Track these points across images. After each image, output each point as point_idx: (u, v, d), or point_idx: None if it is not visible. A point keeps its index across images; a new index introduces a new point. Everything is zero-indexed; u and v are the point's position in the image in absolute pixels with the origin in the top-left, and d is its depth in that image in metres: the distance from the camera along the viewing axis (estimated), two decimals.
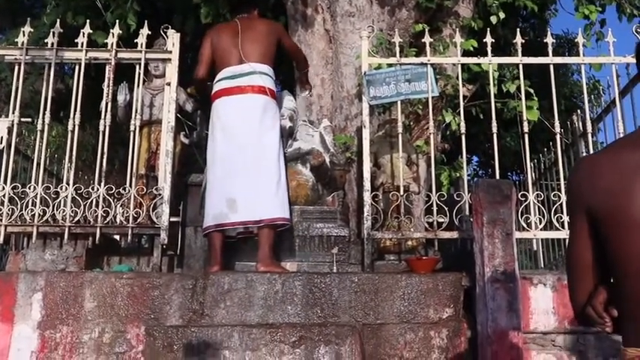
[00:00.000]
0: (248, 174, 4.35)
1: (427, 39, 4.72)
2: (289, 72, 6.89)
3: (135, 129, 4.51)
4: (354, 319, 3.64)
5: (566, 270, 1.71)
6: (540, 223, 4.34)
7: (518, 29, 4.84)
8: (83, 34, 4.62)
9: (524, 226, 4.29)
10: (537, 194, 4.42)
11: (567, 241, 1.79)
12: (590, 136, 4.70)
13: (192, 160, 5.65)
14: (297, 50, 5.19)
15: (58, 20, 4.88)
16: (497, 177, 4.57)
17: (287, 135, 4.89)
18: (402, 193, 4.47)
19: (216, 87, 4.59)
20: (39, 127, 4.46)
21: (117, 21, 5.07)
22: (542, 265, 6.16)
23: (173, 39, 4.67)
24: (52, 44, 4.56)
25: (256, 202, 4.30)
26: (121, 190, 4.35)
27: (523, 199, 4.34)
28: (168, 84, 4.60)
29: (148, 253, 4.57)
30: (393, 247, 4.82)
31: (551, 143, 5.95)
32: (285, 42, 4.91)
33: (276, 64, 4.78)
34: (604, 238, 1.52)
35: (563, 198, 4.21)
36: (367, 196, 4.40)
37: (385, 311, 3.67)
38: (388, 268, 4.59)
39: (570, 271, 1.67)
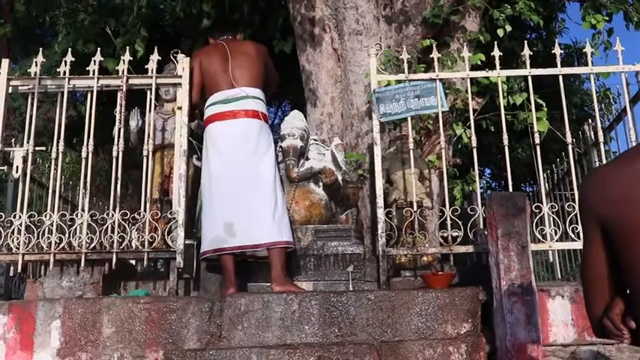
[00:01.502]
0: (244, 198, 4.32)
1: (435, 54, 4.73)
2: (299, 91, 6.94)
3: (148, 154, 4.54)
4: (372, 336, 3.63)
5: (581, 282, 1.70)
6: (556, 234, 4.32)
7: (525, 41, 4.85)
8: (94, 61, 4.66)
9: (540, 237, 4.27)
10: (552, 205, 4.39)
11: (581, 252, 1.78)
12: (602, 145, 4.68)
13: None
14: (274, 73, 5.02)
15: (70, 49, 4.95)
16: (511, 189, 4.56)
17: (298, 154, 4.90)
18: (415, 208, 4.47)
19: (209, 111, 4.57)
20: (53, 155, 4.51)
21: (127, 47, 5.12)
22: (560, 276, 6.12)
23: (183, 63, 4.71)
24: (64, 73, 4.62)
25: (253, 227, 4.27)
26: (135, 214, 4.38)
27: (537, 210, 4.32)
28: (180, 108, 4.64)
29: (164, 277, 4.58)
30: (408, 263, 4.81)
31: (563, 153, 5.94)
32: (268, 65, 4.85)
33: (265, 85, 4.75)
34: (617, 248, 1.52)
35: (578, 208, 4.19)
36: (381, 213, 4.40)
37: (403, 328, 3.66)
38: (404, 285, 4.58)
39: (585, 283, 1.66)
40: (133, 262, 4.87)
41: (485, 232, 3.91)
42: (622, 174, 1.52)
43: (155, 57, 4.70)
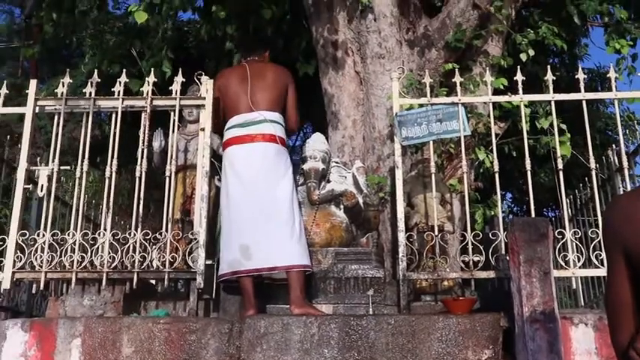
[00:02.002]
0: (261, 222, 4.32)
1: (457, 78, 4.73)
2: (321, 113, 6.97)
3: (170, 174, 4.58)
4: None
5: (606, 310, 1.68)
6: (579, 261, 4.27)
7: (548, 66, 4.83)
8: (119, 82, 4.73)
9: (562, 264, 4.23)
10: (574, 231, 4.35)
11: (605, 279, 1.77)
12: (626, 170, 4.64)
13: None
14: (294, 106, 4.85)
15: (95, 70, 5.02)
16: (533, 214, 4.53)
17: (320, 177, 4.91)
18: (436, 232, 4.44)
19: (227, 134, 4.59)
20: (77, 174, 4.56)
21: (152, 69, 5.19)
22: (583, 303, 6.04)
23: (207, 85, 4.75)
24: (90, 94, 4.68)
25: (269, 250, 4.28)
26: (157, 234, 4.40)
27: (560, 236, 4.28)
28: (203, 129, 4.67)
29: (184, 297, 4.58)
30: (429, 287, 4.78)
31: (586, 178, 5.88)
32: (289, 92, 4.78)
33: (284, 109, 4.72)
34: None
35: (601, 234, 4.14)
36: (402, 237, 4.38)
37: (423, 353, 3.62)
38: (425, 309, 4.54)
39: (610, 312, 1.65)
40: (154, 281, 4.89)
41: (507, 258, 3.88)
42: None
43: (179, 79, 4.75)
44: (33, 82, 4.71)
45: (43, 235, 4.38)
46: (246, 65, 4.77)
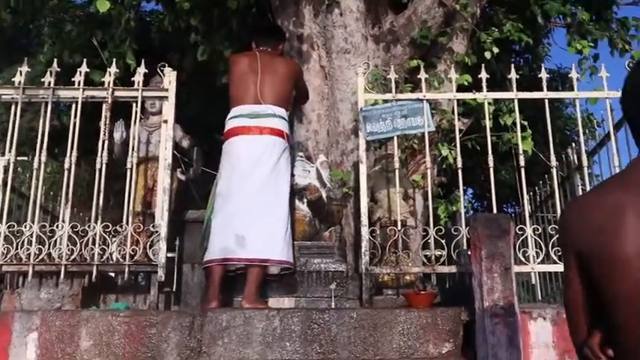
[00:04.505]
0: (261, 214, 4.33)
1: (422, 75, 4.75)
2: None
3: (132, 166, 4.50)
4: (354, 355, 3.61)
5: (564, 307, 1.73)
6: (538, 257, 4.33)
7: (512, 64, 4.89)
8: (80, 72, 4.63)
9: (522, 259, 4.28)
10: (535, 228, 4.41)
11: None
12: (585, 169, 4.72)
13: (188, 196, 5.65)
14: (305, 91, 5.21)
15: (55, 59, 4.91)
16: (494, 211, 4.58)
17: None
18: (399, 227, 4.46)
19: (233, 123, 4.55)
20: (35, 165, 4.45)
21: (114, 60, 5.09)
22: (540, 298, 6.13)
23: (170, 77, 4.68)
24: (49, 83, 4.57)
25: (266, 242, 4.29)
26: (117, 227, 4.33)
27: (520, 232, 4.33)
28: (165, 121, 4.61)
29: (144, 290, 4.53)
30: (391, 281, 4.80)
31: (546, 176, 5.97)
32: (299, 83, 4.90)
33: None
34: (593, 278, 1.54)
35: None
36: (365, 231, 4.39)
37: (384, 347, 3.64)
38: (386, 303, 4.56)
39: (568, 312, 1.72)
40: (114, 274, 4.81)
41: (469, 253, 3.91)
42: (596, 206, 1.56)
43: (142, 69, 4.67)
44: None
45: None
46: (257, 55, 4.72)
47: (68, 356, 3.64)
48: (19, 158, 4.61)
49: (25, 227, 4.31)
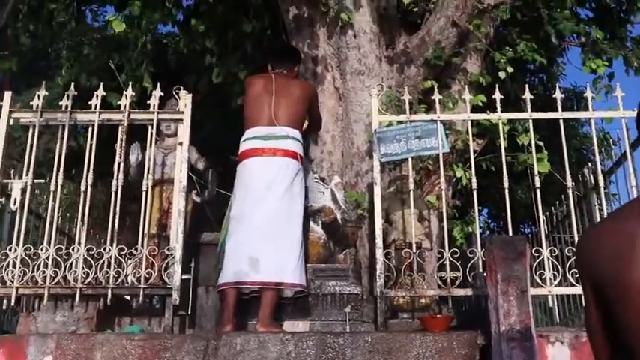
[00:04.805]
0: (274, 237, 4.32)
1: (436, 96, 4.75)
2: None
3: (147, 189, 4.52)
4: None
5: (587, 336, 1.72)
6: (555, 279, 4.28)
7: (526, 84, 4.87)
8: (97, 95, 4.67)
9: (539, 281, 4.24)
10: (551, 249, 4.36)
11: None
12: (602, 188, 4.68)
13: (203, 218, 5.65)
14: (318, 117, 5.19)
15: (73, 82, 4.96)
16: (510, 232, 4.54)
17: None
18: (414, 249, 4.44)
19: (247, 145, 4.55)
20: (52, 187, 4.49)
21: (130, 83, 5.14)
22: (558, 320, 6.06)
23: (185, 99, 4.71)
24: (66, 107, 4.62)
25: (279, 266, 4.27)
26: (132, 250, 4.34)
27: (537, 254, 4.29)
28: (181, 144, 4.63)
29: (159, 313, 4.52)
30: (406, 304, 4.76)
31: (562, 196, 5.93)
32: (313, 105, 4.91)
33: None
34: (609, 304, 1.53)
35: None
36: (380, 254, 4.37)
37: None
38: (402, 327, 4.52)
39: (589, 337, 1.70)
40: (129, 297, 4.81)
41: (485, 275, 3.88)
42: (611, 233, 1.55)
43: (157, 92, 4.70)
44: (7, 94, 4.64)
45: (16, 250, 4.30)
46: (273, 77, 4.74)
47: None
48: (36, 181, 4.63)
49: (42, 250, 4.33)
